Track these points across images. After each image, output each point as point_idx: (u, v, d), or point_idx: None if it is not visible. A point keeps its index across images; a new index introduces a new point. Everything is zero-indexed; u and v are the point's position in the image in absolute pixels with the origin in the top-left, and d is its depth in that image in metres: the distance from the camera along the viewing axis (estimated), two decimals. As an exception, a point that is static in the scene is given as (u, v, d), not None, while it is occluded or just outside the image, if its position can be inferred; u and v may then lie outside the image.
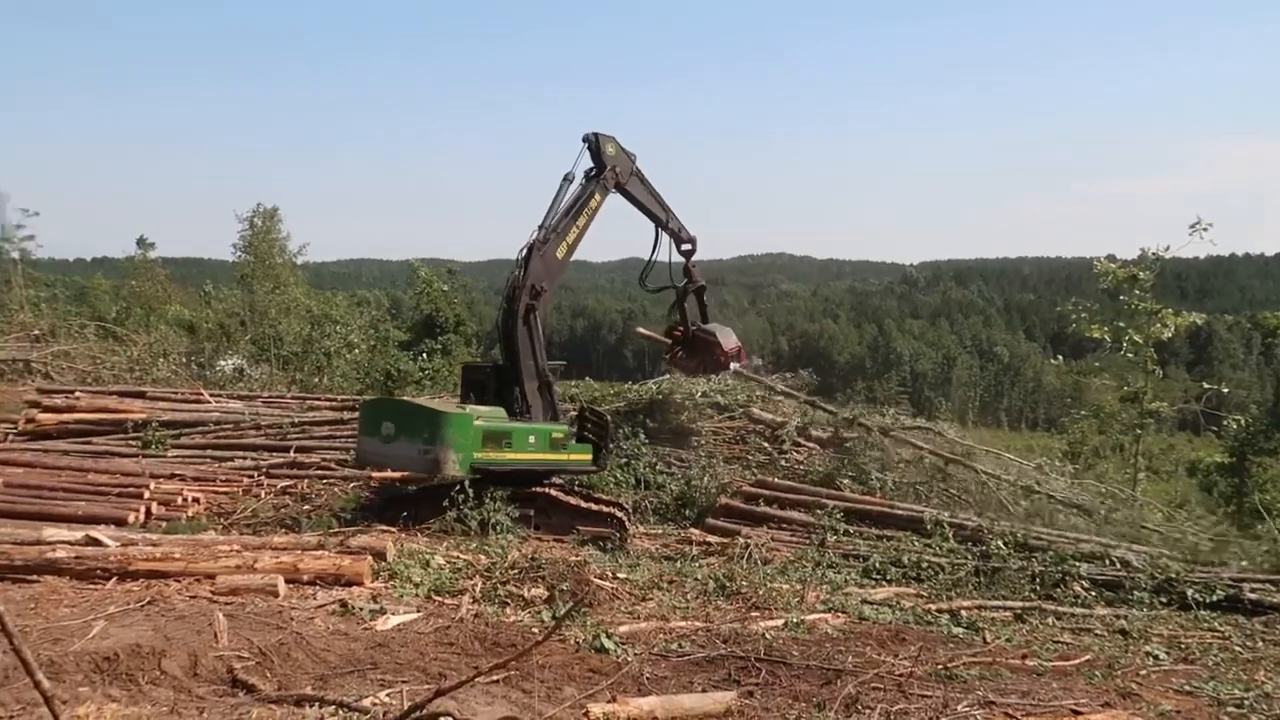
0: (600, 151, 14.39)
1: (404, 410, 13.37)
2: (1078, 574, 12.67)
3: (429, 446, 12.49)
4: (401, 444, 12.61)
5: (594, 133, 14.41)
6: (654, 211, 15.26)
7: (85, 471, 14.42)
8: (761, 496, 15.06)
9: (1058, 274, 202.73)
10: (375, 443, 12.85)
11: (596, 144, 14.38)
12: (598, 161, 14.40)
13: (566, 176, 14.21)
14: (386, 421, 12.85)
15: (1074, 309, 23.67)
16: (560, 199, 14.06)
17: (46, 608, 7.68)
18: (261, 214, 40.42)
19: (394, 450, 12.63)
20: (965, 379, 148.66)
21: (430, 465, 12.50)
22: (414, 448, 12.54)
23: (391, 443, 12.66)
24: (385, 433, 12.76)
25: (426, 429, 12.61)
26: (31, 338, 25.60)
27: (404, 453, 12.57)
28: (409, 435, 12.62)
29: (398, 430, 12.69)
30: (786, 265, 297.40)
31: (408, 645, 7.40)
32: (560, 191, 14.11)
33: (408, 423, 12.74)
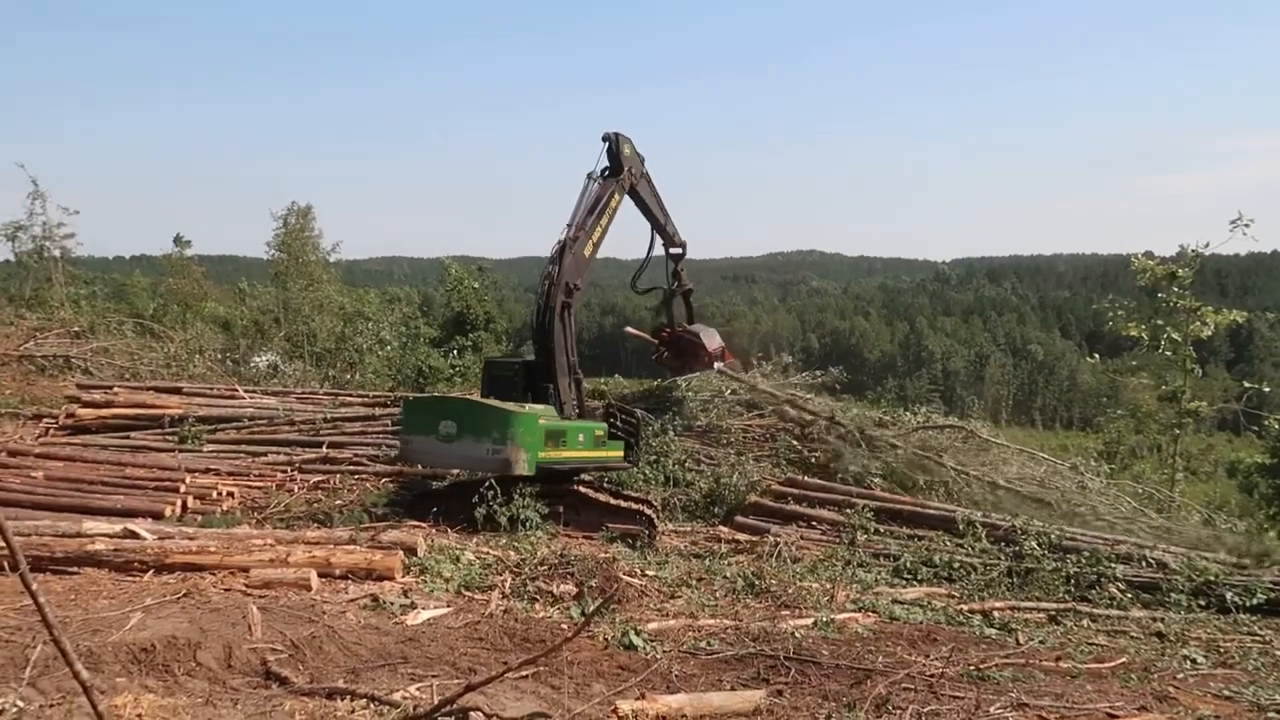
0: (619, 152, 14.45)
1: (468, 409, 13.11)
2: (1113, 575, 12.49)
3: (499, 446, 12.46)
4: (466, 443, 12.54)
5: (614, 132, 14.49)
6: (655, 214, 15.34)
7: (123, 465, 14.66)
8: (791, 494, 15.01)
9: (1094, 271, 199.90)
10: (432, 442, 12.73)
11: (616, 144, 14.47)
12: (615, 161, 14.49)
13: (590, 175, 14.29)
14: (447, 421, 12.70)
15: (1111, 306, 23.36)
16: (585, 198, 14.12)
17: (86, 599, 7.81)
18: (296, 212, 40.90)
19: (457, 450, 12.60)
20: (998, 377, 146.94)
21: (501, 464, 12.51)
22: (482, 447, 12.50)
23: (453, 442, 12.59)
24: (445, 432, 12.63)
25: (495, 428, 12.54)
26: (72, 334, 26.08)
27: (470, 452, 12.54)
28: (475, 434, 12.55)
29: (461, 429, 12.60)
30: (817, 262, 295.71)
31: (438, 640, 7.44)
32: (585, 190, 14.19)
33: (474, 422, 12.63)
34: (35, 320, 27.52)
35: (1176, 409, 22.58)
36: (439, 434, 12.70)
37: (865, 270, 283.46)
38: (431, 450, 12.78)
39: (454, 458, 12.71)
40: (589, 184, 14.25)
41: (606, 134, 14.49)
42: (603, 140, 14.49)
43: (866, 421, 17.89)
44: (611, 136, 14.46)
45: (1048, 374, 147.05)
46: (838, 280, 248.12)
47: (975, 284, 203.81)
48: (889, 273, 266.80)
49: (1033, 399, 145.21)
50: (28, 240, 31.46)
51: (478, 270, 43.92)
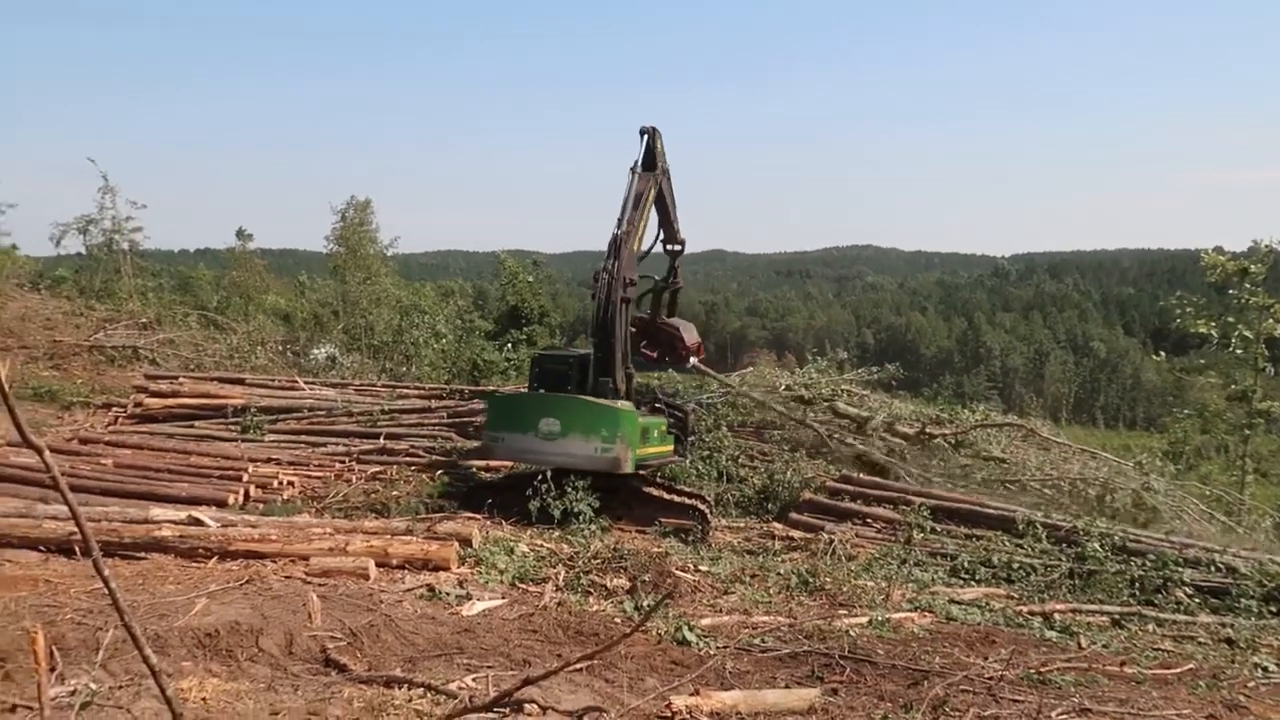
0: (654, 146, 14.44)
1: (574, 407, 13.09)
2: (1180, 579, 12.12)
3: (608, 444, 12.61)
4: (573, 441, 12.63)
5: (652, 126, 14.47)
6: (670, 209, 15.14)
7: (188, 454, 15.06)
8: (846, 492, 14.85)
9: (1160, 266, 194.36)
10: (531, 439, 12.77)
11: (654, 138, 14.45)
12: (650, 155, 14.42)
13: (632, 170, 14.29)
14: (549, 418, 12.76)
15: (1179, 303, 22.70)
16: (631, 192, 14.14)
17: (153, 584, 8.03)
18: (355, 206, 41.51)
19: (560, 447, 12.66)
20: (1058, 375, 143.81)
21: (610, 463, 12.66)
22: (590, 445, 12.62)
23: (556, 440, 12.67)
24: (547, 430, 12.71)
25: (605, 426, 12.67)
26: (139, 325, 26.83)
27: (576, 450, 12.62)
28: (583, 432, 12.64)
29: (566, 427, 12.68)
30: (873, 257, 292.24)
31: (493, 631, 7.50)
32: (630, 185, 14.20)
33: (580, 420, 12.71)
34: (105, 312, 28.36)
35: (1247, 409, 21.90)
36: (540, 431, 12.74)
37: (922, 265, 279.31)
38: (530, 447, 12.78)
39: (557, 455, 12.70)
40: (632, 178, 14.26)
41: (645, 127, 14.47)
42: (641, 134, 14.47)
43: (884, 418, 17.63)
44: (650, 130, 14.45)
45: (1110, 372, 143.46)
46: (894, 275, 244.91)
47: (1035, 279, 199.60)
48: (946, 268, 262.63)
49: (1094, 397, 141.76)
50: (98, 234, 32.41)
51: (532, 264, 44.13)
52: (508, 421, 13.16)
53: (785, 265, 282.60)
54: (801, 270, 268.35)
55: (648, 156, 14.46)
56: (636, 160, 14.35)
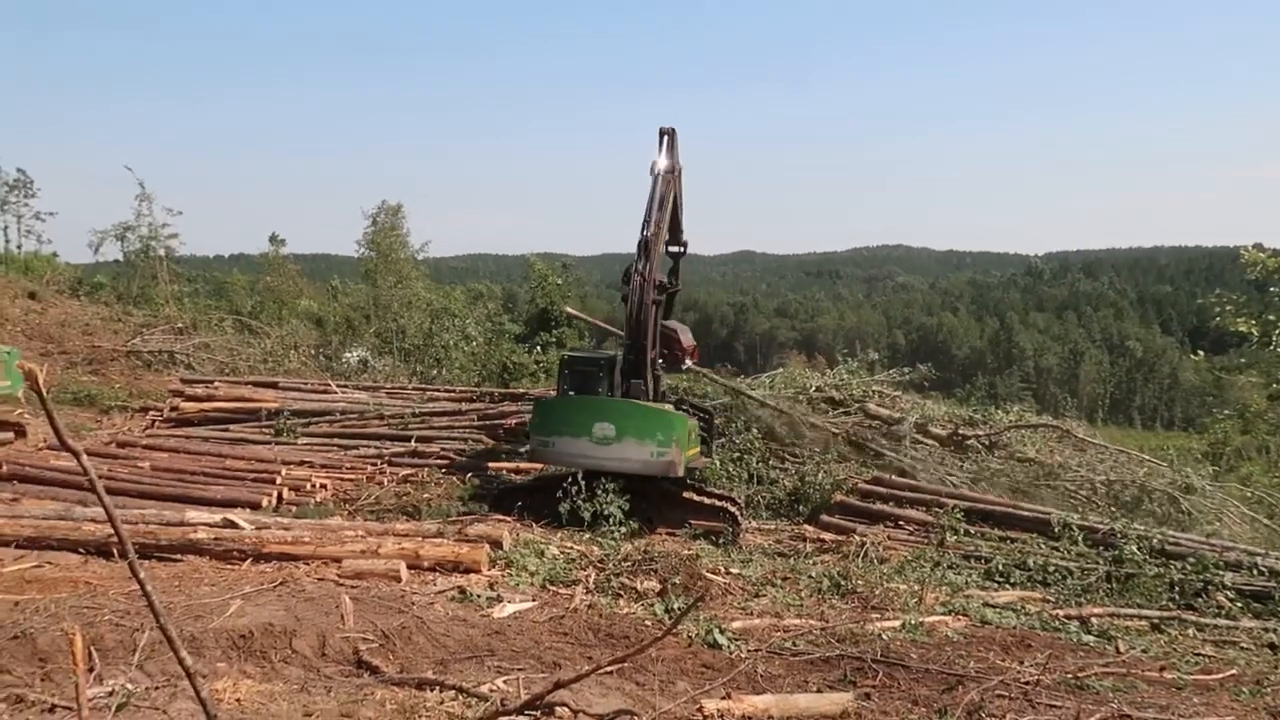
0: (674, 146, 14.42)
1: (629, 411, 13.13)
2: (1221, 583, 11.90)
3: (664, 448, 12.69)
4: (628, 445, 12.69)
5: (672, 127, 14.44)
6: (679, 210, 15.06)
7: (223, 457, 15.25)
8: (878, 494, 14.72)
9: (1198, 264, 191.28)
10: (584, 443, 12.79)
11: (673, 138, 14.43)
12: (670, 155, 14.37)
13: (652, 171, 14.27)
14: (603, 423, 12.80)
15: (1218, 301, 22.27)
16: (655, 194, 14.10)
17: (189, 585, 8.12)
18: (386, 210, 41.83)
19: (616, 452, 12.70)
20: (1094, 375, 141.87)
21: (665, 467, 12.77)
22: (645, 449, 12.68)
23: (611, 444, 12.71)
24: (602, 434, 12.75)
25: (660, 430, 12.75)
26: (175, 331, 27.23)
27: (632, 454, 12.69)
28: (638, 436, 12.71)
29: (620, 431, 12.72)
30: (904, 257, 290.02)
31: (523, 633, 7.51)
32: (654, 186, 14.17)
33: (635, 424, 12.78)
34: (142, 317, 28.83)
35: (1289, 409, 21.46)
36: (594, 436, 12.76)
37: (954, 265, 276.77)
38: (584, 452, 12.78)
39: (611, 460, 12.75)
40: (656, 180, 14.23)
41: (664, 128, 14.45)
42: (661, 134, 14.44)
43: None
44: (670, 130, 14.44)
45: (1147, 371, 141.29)
46: (925, 275, 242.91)
47: (1070, 278, 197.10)
48: (978, 267, 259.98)
49: (1131, 398, 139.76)
50: (135, 240, 32.99)
51: (562, 267, 44.30)
52: (559, 426, 13.10)
53: (815, 266, 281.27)
54: (831, 271, 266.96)
55: (668, 157, 14.42)
56: (655, 160, 14.31)
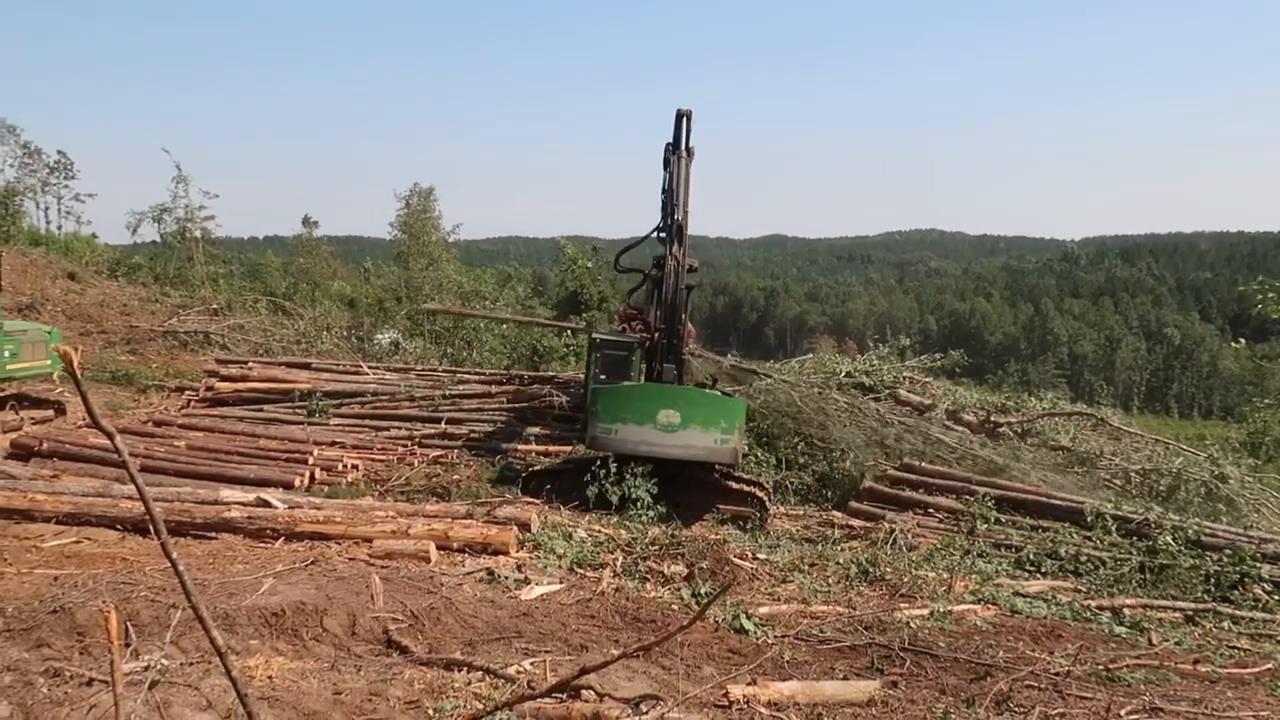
0: (690, 129, 14.39)
1: (694, 399, 13.17)
2: (1259, 575, 11.69)
3: (728, 435, 12.73)
4: (693, 433, 12.70)
5: (689, 109, 14.39)
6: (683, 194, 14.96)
7: (257, 437, 15.43)
8: (907, 481, 14.62)
9: (1239, 250, 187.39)
10: (649, 430, 12.74)
11: (690, 120, 14.40)
12: (687, 137, 14.33)
13: (677, 155, 14.28)
14: (668, 410, 12.77)
15: (1260, 288, 21.81)
16: (681, 178, 14.10)
17: (222, 563, 8.25)
18: (418, 194, 42.04)
19: (681, 439, 12.70)
20: (1130, 362, 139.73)
21: (730, 454, 12.85)
22: (710, 437, 12.70)
23: (676, 432, 12.70)
24: (666, 422, 12.73)
25: (724, 418, 12.79)
26: (211, 311, 27.60)
27: (697, 442, 12.71)
28: (703, 424, 12.71)
29: (686, 419, 12.72)
30: (936, 241, 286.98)
31: (550, 615, 7.55)
32: (677, 171, 14.17)
33: (700, 412, 12.80)
34: (178, 298, 29.24)
35: (1332, 398, 21.01)
36: (658, 423, 12.73)
37: (988, 249, 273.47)
38: (649, 439, 12.73)
39: (676, 447, 12.74)
40: (679, 163, 14.21)
41: (683, 110, 14.42)
42: (679, 117, 14.43)
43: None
44: (687, 113, 14.41)
45: (1185, 359, 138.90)
46: (958, 260, 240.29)
47: (1107, 264, 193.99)
48: (1013, 252, 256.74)
49: (1168, 385, 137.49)
50: (171, 222, 33.41)
51: (592, 250, 44.26)
52: (622, 413, 12.98)
53: (846, 250, 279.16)
54: (863, 255, 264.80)
55: (686, 138, 14.41)
56: (681, 141, 14.24)
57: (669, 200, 14.36)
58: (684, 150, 14.37)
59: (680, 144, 14.43)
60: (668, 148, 14.78)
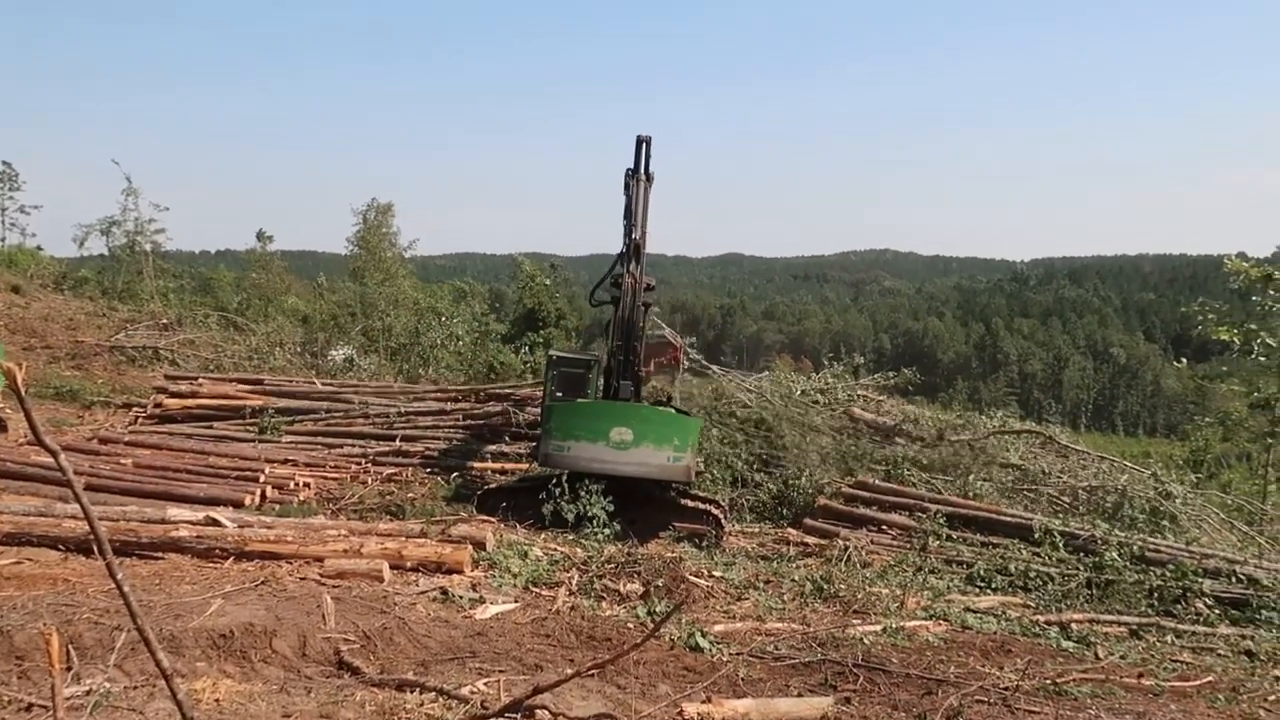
0: (649, 154, 14.64)
1: (647, 416, 13.13)
2: (1200, 590, 11.98)
3: (680, 453, 12.70)
4: (645, 450, 12.64)
5: (649, 135, 14.70)
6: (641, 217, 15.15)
7: (206, 454, 15.16)
8: (861, 498, 14.77)
9: (1181, 272, 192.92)
10: (601, 448, 12.67)
11: (649, 146, 14.68)
12: (646, 162, 14.59)
13: (637, 177, 14.48)
14: (621, 428, 12.71)
15: (1200, 309, 22.44)
16: (640, 200, 14.32)
17: (169, 584, 8.08)
18: (376, 209, 41.75)
19: (634, 457, 12.65)
20: (1077, 381, 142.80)
21: (682, 472, 12.82)
22: (662, 454, 12.67)
23: (629, 449, 12.65)
24: (619, 440, 12.67)
25: (677, 435, 12.76)
26: (160, 326, 27.07)
27: (650, 459, 12.66)
28: (655, 442, 12.67)
29: (639, 437, 12.67)
30: (890, 262, 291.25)
31: (505, 635, 7.51)
32: (636, 192, 14.39)
33: (654, 429, 12.76)
34: (126, 312, 28.66)
35: (1269, 417, 21.62)
36: (611, 441, 12.68)
37: (940, 270, 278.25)
38: (601, 456, 12.68)
39: (629, 465, 12.70)
40: (638, 186, 14.42)
41: (643, 136, 14.69)
42: (640, 142, 14.68)
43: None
44: (647, 139, 14.68)
45: (1130, 378, 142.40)
46: (911, 280, 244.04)
47: (1055, 285, 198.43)
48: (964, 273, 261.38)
49: (1114, 404, 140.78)
50: (120, 235, 32.80)
51: (550, 267, 44.23)
52: (575, 430, 12.91)
53: (802, 269, 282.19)
54: (818, 274, 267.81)
55: (646, 163, 14.64)
56: (640, 166, 14.54)
57: (628, 222, 14.46)
58: (643, 175, 14.54)
59: (640, 169, 14.60)
60: (628, 172, 14.92)
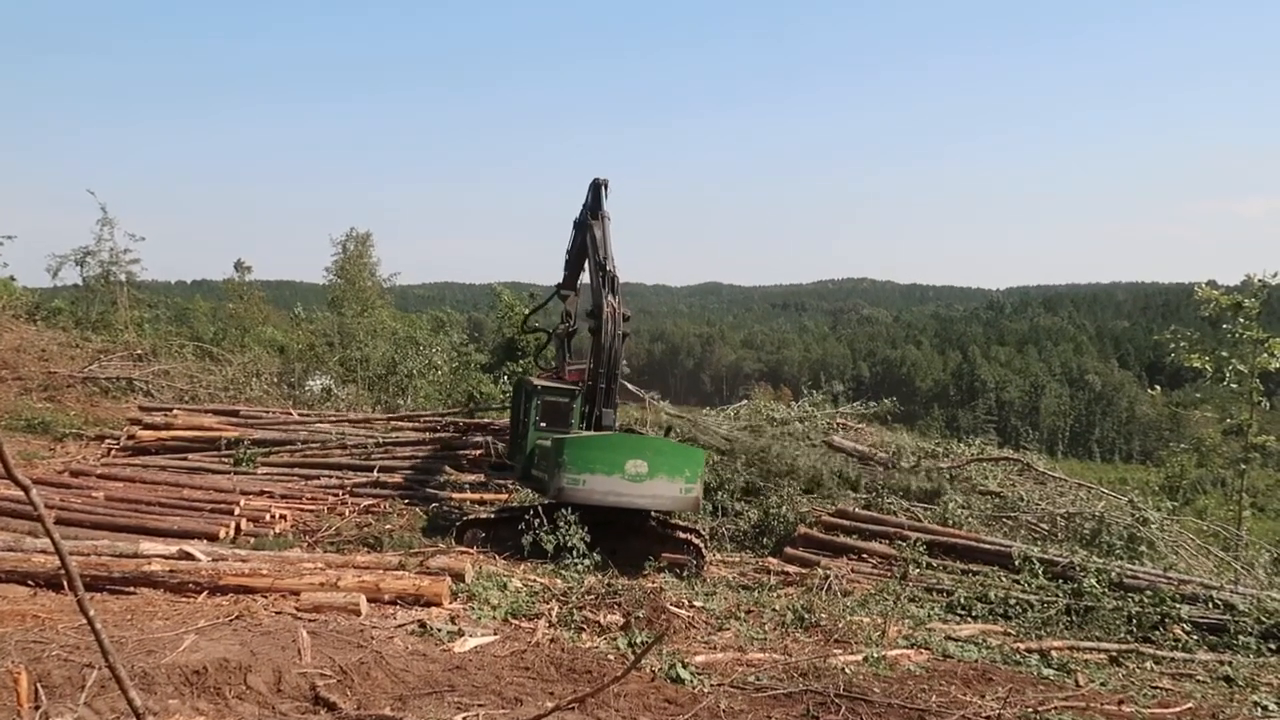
0: (607, 194, 15.11)
1: (659, 448, 13.15)
2: (1178, 616, 12.04)
3: (691, 484, 12.76)
4: (659, 483, 12.63)
5: (606, 178, 15.17)
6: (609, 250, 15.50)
7: (181, 487, 14.97)
8: (842, 526, 14.78)
9: (1154, 300, 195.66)
10: (617, 481, 12.59)
11: (607, 187, 15.15)
12: (600, 202, 15.03)
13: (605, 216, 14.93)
14: (636, 460, 12.64)
15: (1173, 337, 22.70)
16: (608, 235, 14.79)
17: (141, 619, 7.94)
18: (355, 239, 41.72)
19: (648, 489, 12.62)
20: (1054, 408, 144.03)
21: (692, 503, 12.94)
22: (675, 486, 12.70)
23: (643, 481, 12.60)
24: (635, 472, 12.61)
25: (688, 467, 12.81)
26: (135, 357, 26.79)
27: (663, 491, 12.67)
28: (669, 473, 12.67)
29: (653, 469, 12.63)
30: (868, 290, 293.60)
31: (484, 668, 7.42)
32: (606, 228, 14.85)
33: (667, 461, 12.77)
34: (100, 343, 28.34)
35: (1242, 443, 21.83)
36: (626, 474, 12.61)
37: (917, 298, 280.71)
38: (616, 489, 12.60)
39: (643, 497, 12.69)
40: (602, 223, 14.87)
41: (599, 179, 15.15)
42: (597, 185, 15.14)
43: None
44: (605, 181, 15.13)
45: (1105, 405, 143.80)
46: (889, 308, 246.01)
47: (1030, 313, 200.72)
48: (941, 301, 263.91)
49: (1090, 430, 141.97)
50: (95, 265, 32.50)
51: (529, 297, 44.24)
52: (592, 463, 12.74)
53: (781, 298, 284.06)
54: (797, 303, 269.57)
55: (600, 204, 15.04)
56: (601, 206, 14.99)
57: (594, 257, 14.81)
58: (604, 214, 14.93)
59: (600, 208, 14.98)
60: (583, 216, 15.46)
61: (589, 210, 15.21)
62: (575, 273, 16.53)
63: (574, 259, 16.38)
